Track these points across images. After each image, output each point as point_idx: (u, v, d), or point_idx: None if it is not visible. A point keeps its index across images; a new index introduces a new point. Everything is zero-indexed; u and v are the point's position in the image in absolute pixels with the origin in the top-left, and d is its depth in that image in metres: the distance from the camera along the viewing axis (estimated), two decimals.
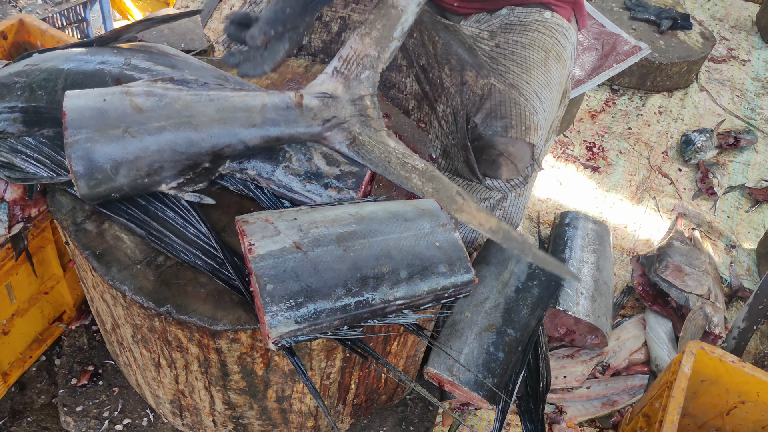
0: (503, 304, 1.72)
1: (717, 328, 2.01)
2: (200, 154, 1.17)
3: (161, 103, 1.17)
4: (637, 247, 2.48)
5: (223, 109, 1.18)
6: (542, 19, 1.71)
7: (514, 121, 1.52)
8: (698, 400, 1.74)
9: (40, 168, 1.28)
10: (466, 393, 1.64)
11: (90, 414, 1.62)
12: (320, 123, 1.22)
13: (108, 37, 1.44)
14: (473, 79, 1.59)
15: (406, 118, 1.62)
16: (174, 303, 1.16)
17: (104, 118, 1.13)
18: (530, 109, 1.55)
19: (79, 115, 1.12)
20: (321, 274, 1.05)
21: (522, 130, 1.52)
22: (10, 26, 1.95)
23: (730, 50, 3.60)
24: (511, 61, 1.64)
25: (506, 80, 1.59)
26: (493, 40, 1.69)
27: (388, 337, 1.37)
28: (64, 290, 1.77)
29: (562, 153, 2.81)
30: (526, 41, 1.67)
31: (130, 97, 1.16)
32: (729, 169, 2.87)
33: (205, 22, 3.05)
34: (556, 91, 1.70)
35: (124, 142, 1.13)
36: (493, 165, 1.55)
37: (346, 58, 1.27)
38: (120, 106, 1.15)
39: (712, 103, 3.22)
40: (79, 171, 1.12)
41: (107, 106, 1.14)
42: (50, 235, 1.61)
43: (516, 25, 1.72)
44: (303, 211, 1.15)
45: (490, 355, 1.65)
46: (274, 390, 1.35)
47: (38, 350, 1.78)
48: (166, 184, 1.17)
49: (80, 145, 1.11)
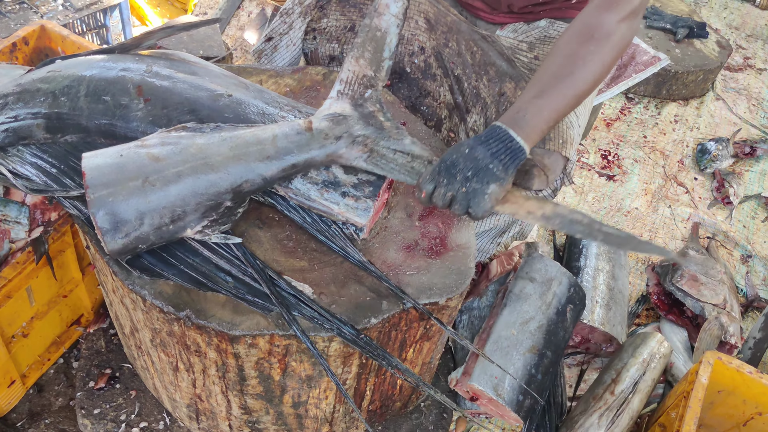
0: (545, 325, 1.73)
1: (732, 338, 2.00)
2: (220, 193, 1.19)
3: (177, 150, 1.19)
4: (653, 256, 2.47)
5: (236, 146, 1.21)
6: None
7: (553, 133, 1.52)
8: (715, 410, 1.73)
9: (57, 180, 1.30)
10: (503, 411, 1.64)
11: (107, 417, 1.64)
12: (333, 141, 1.24)
13: (130, 44, 1.45)
14: (512, 90, 1.59)
15: (423, 126, 1.63)
16: (193, 308, 1.18)
17: (123, 172, 1.15)
18: (567, 123, 1.55)
19: (99, 173, 1.14)
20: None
21: (559, 143, 1.52)
22: (32, 32, 1.98)
23: (747, 59, 3.59)
24: None
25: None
26: (532, 52, 1.69)
27: (404, 343, 1.37)
28: (83, 294, 1.79)
29: (578, 161, 2.81)
30: None
31: (147, 150, 1.18)
32: (745, 179, 2.86)
33: (223, 30, 3.07)
34: (588, 108, 1.70)
35: (146, 191, 1.14)
36: (526, 175, 1.55)
37: (347, 80, 1.30)
38: (137, 158, 1.17)
39: (728, 111, 3.21)
40: (105, 227, 1.12)
41: (125, 161, 1.16)
42: (70, 239, 1.63)
43: (555, 38, 1.71)
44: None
45: (531, 376, 1.65)
46: (291, 395, 1.36)
47: (56, 353, 1.80)
48: (191, 229, 1.18)
49: (103, 201, 1.12)
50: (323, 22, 1.78)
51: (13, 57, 1.93)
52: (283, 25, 1.82)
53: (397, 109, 1.65)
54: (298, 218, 1.32)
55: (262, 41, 1.86)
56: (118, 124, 1.30)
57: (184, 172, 1.16)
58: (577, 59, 1.26)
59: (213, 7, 3.27)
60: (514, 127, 1.23)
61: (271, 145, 1.22)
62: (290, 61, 1.89)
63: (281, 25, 1.83)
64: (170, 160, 1.17)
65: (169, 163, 1.17)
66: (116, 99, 1.30)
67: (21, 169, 1.31)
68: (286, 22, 1.82)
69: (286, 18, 1.82)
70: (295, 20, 1.81)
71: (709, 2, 3.95)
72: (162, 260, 1.21)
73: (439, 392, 1.22)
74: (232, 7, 3.22)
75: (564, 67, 1.26)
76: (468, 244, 1.40)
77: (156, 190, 1.14)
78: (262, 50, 1.87)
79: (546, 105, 1.25)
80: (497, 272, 1.97)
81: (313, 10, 1.79)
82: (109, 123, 1.30)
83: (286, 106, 1.37)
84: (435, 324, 1.37)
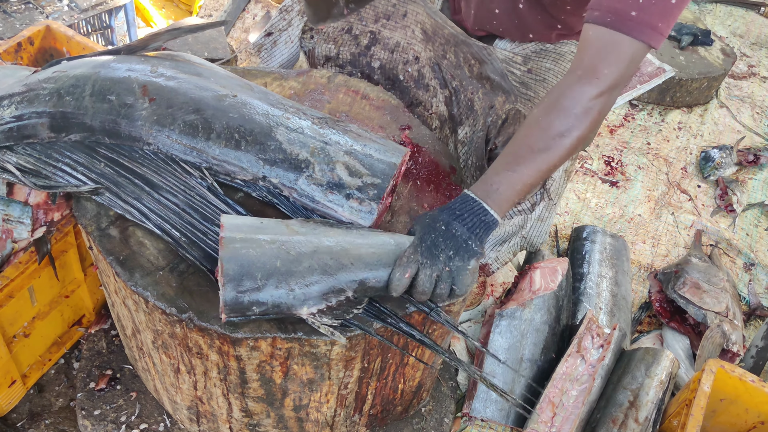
0: None
1: (735, 346, 2.00)
2: (348, 281, 1.16)
3: (317, 229, 1.19)
4: (655, 263, 2.46)
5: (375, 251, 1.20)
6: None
7: None
8: (717, 418, 1.73)
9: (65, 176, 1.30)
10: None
11: (107, 418, 1.63)
12: None
13: (135, 45, 1.46)
14: (500, 104, 1.59)
15: (427, 130, 1.63)
16: (196, 310, 1.17)
17: (260, 232, 1.15)
18: None
19: (236, 226, 1.15)
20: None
21: None
22: (37, 32, 1.98)
23: (751, 67, 3.59)
24: (542, 88, 1.64)
25: (533, 106, 1.58)
26: (526, 65, 1.69)
27: (405, 347, 1.37)
28: (85, 294, 1.79)
29: (581, 167, 2.81)
30: (559, 69, 1.67)
31: (286, 225, 1.19)
32: (748, 187, 2.85)
33: (227, 32, 3.07)
34: None
35: (278, 255, 1.13)
36: None
37: None
38: (276, 226, 1.18)
39: (731, 119, 3.20)
40: (230, 273, 1.10)
41: (264, 225, 1.17)
42: (73, 239, 1.63)
43: (550, 52, 1.72)
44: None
45: None
46: (292, 399, 1.36)
47: (57, 353, 1.80)
48: (308, 308, 1.15)
49: (235, 250, 1.11)
50: None
51: (18, 57, 1.93)
52: (283, 21, 1.84)
53: (402, 113, 1.65)
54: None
55: (262, 36, 1.87)
56: (123, 123, 1.30)
57: (321, 249, 1.15)
58: (554, 134, 1.24)
59: (218, 10, 3.27)
60: (487, 200, 1.22)
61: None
62: (289, 57, 1.89)
63: (281, 21, 1.84)
64: (309, 235, 1.17)
65: (307, 238, 1.16)
66: (121, 98, 1.30)
67: (28, 166, 1.31)
68: (285, 18, 1.84)
69: (286, 15, 1.84)
70: (294, 17, 1.82)
71: (714, 10, 3.95)
72: None
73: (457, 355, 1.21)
74: (237, 10, 3.23)
75: (540, 141, 1.25)
76: None
77: (288, 257, 1.13)
78: (262, 45, 1.88)
79: (519, 179, 1.24)
80: (541, 286, 1.96)
81: None
82: (114, 122, 1.30)
83: (291, 108, 1.37)
84: (437, 328, 1.37)
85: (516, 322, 1.89)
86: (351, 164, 1.31)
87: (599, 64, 1.21)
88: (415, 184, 1.50)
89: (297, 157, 1.30)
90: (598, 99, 1.23)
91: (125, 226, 1.28)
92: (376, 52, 1.76)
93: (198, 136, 1.30)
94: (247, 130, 1.30)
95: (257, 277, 1.11)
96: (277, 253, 1.12)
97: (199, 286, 1.21)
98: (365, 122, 1.60)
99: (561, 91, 1.25)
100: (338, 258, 1.15)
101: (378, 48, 1.75)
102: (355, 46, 1.77)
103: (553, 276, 1.98)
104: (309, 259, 1.13)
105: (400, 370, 1.46)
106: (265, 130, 1.31)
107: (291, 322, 1.18)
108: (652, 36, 1.18)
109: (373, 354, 1.32)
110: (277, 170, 1.30)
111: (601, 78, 1.21)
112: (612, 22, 1.19)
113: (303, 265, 1.13)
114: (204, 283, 1.22)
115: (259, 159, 1.30)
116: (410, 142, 1.58)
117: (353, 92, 1.68)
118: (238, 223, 1.16)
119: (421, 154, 1.57)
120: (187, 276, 1.22)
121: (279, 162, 1.30)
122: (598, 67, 1.21)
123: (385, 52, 1.75)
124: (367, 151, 1.33)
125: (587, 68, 1.23)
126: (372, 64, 1.76)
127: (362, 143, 1.34)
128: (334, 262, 1.14)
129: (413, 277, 1.15)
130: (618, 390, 1.78)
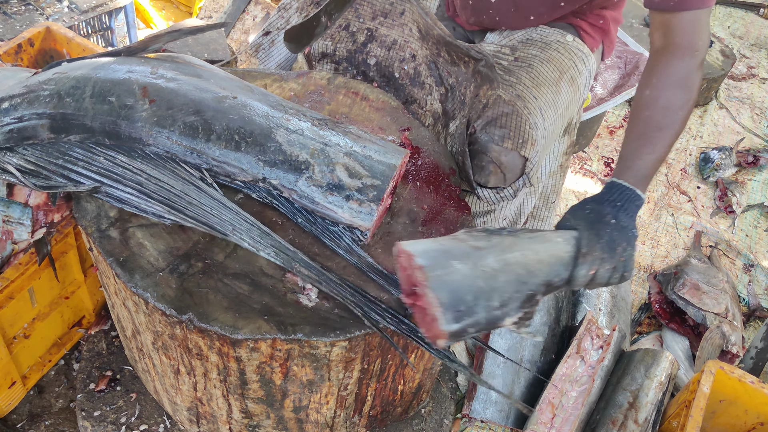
0: None
1: (734, 347, 2.00)
2: (538, 284, 1.18)
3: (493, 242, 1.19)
4: (655, 264, 2.47)
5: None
6: (563, 42, 1.72)
7: (513, 132, 1.53)
8: (716, 420, 1.73)
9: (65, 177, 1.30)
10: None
11: (107, 419, 1.64)
12: None
13: (136, 47, 1.46)
14: (484, 91, 1.61)
15: (427, 131, 1.63)
16: (196, 311, 1.17)
17: (451, 255, 1.15)
18: (531, 124, 1.55)
19: (429, 255, 1.14)
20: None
21: (519, 142, 1.53)
22: (37, 33, 1.98)
23: (750, 68, 3.59)
24: (525, 73, 1.65)
25: (515, 91, 1.59)
26: (514, 54, 1.70)
27: (405, 349, 1.37)
28: (85, 295, 1.79)
29: (581, 168, 2.81)
30: (544, 57, 1.68)
31: (460, 240, 1.20)
32: (748, 188, 2.85)
33: (227, 33, 3.07)
34: (561, 114, 1.70)
35: (476, 274, 1.13)
36: (482, 171, 1.56)
37: None
38: (457, 245, 1.18)
39: (731, 120, 3.21)
40: (445, 302, 1.10)
41: (447, 246, 1.18)
42: (73, 240, 1.63)
43: (537, 41, 1.73)
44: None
45: None
46: (292, 400, 1.36)
47: (57, 354, 1.80)
48: (510, 318, 1.17)
49: (441, 281, 1.11)
50: None
51: (18, 58, 1.94)
52: (281, 20, 1.84)
53: (401, 114, 1.65)
54: (303, 221, 1.32)
55: (260, 35, 1.87)
56: (123, 124, 1.30)
57: (509, 261, 1.16)
58: (676, 109, 1.35)
59: (218, 11, 3.27)
60: (639, 186, 1.31)
61: None
62: (287, 56, 1.90)
63: (279, 20, 1.84)
64: (491, 249, 1.18)
65: (490, 251, 1.17)
66: (121, 100, 1.31)
67: (28, 167, 1.31)
68: (283, 17, 1.84)
69: (284, 13, 1.84)
70: (292, 15, 1.83)
71: (713, 11, 3.95)
72: None
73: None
74: (237, 11, 3.23)
75: (665, 118, 1.35)
76: None
77: (485, 275, 1.14)
78: (260, 44, 1.88)
79: (657, 158, 1.34)
80: None
81: (309, 6, 1.80)
82: (114, 123, 1.30)
83: (290, 109, 1.37)
84: None
85: None
86: (351, 166, 1.32)
87: (692, 39, 1.35)
88: (414, 185, 1.50)
89: (297, 158, 1.30)
90: (700, 69, 1.37)
91: (125, 227, 1.28)
92: (373, 49, 1.76)
93: (198, 137, 1.30)
94: (247, 131, 1.31)
95: (468, 301, 1.12)
96: (475, 273, 1.14)
97: (199, 287, 1.22)
98: (365, 124, 1.61)
99: (666, 71, 1.37)
100: (527, 267, 1.17)
101: (375, 45, 1.76)
102: (352, 43, 1.77)
103: None
104: (503, 274, 1.15)
105: (399, 371, 1.46)
106: (265, 131, 1.31)
107: (291, 324, 1.18)
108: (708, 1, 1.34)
109: (373, 355, 1.32)
110: (277, 171, 1.30)
111: (699, 50, 1.36)
112: (676, 5, 1.34)
113: (500, 280, 1.14)
114: (204, 285, 1.22)
115: (259, 160, 1.30)
116: (410, 144, 1.58)
117: (353, 93, 1.68)
118: (425, 248, 1.17)
119: (421, 155, 1.57)
120: (187, 277, 1.22)
121: (279, 163, 1.30)
122: (692, 41, 1.35)
123: (381, 50, 1.75)
124: (366, 152, 1.33)
125: (680, 46, 1.36)
126: (368, 61, 1.76)
127: (362, 145, 1.34)
128: (524, 271, 1.17)
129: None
130: (617, 391, 1.78)
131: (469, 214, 1.48)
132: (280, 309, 1.21)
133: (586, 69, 1.75)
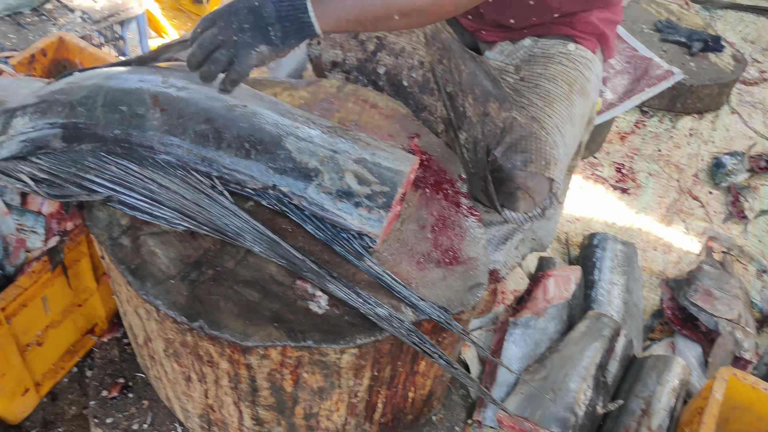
0: None
1: (747, 354, 1.98)
2: None
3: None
4: (667, 270, 2.45)
5: None
6: (566, 51, 1.72)
7: (534, 155, 1.53)
8: (729, 427, 1.71)
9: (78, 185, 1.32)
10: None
11: (120, 426, 1.64)
12: None
13: (147, 57, 1.47)
14: (496, 111, 1.60)
15: (436, 138, 1.63)
16: (206, 318, 1.18)
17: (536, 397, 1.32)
18: (551, 144, 1.55)
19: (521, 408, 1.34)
20: None
21: (542, 164, 1.53)
22: (50, 44, 2.00)
23: (762, 72, 3.57)
24: (535, 94, 1.65)
25: (528, 113, 1.59)
26: (518, 73, 1.70)
27: (416, 355, 1.37)
28: (97, 303, 1.80)
29: (592, 174, 2.80)
30: (549, 74, 1.68)
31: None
32: (760, 193, 2.84)
33: None
34: (579, 125, 1.70)
35: None
36: (511, 198, 1.56)
37: None
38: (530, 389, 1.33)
39: (743, 125, 3.19)
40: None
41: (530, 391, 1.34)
42: (85, 248, 1.64)
43: (539, 57, 1.73)
44: None
45: None
46: (302, 407, 1.36)
47: (70, 361, 1.81)
48: None
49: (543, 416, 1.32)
50: None
51: (32, 68, 1.96)
52: None
53: (411, 122, 1.65)
54: (313, 228, 1.33)
55: None
56: (134, 133, 1.31)
57: None
58: None
59: None
60: (314, 1, 1.19)
61: None
62: (296, 65, 1.90)
63: None
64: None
65: None
66: (132, 109, 1.32)
67: (41, 175, 1.32)
68: None
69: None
70: None
71: (725, 16, 3.94)
72: None
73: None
74: None
75: None
76: (480, 257, 1.40)
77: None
78: None
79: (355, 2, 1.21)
80: (555, 294, 1.96)
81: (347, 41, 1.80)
82: (125, 132, 1.31)
83: (300, 117, 1.38)
84: (447, 336, 1.37)
85: (530, 331, 1.88)
86: (360, 173, 1.32)
87: None
88: (423, 192, 1.50)
89: (306, 165, 1.31)
90: None
91: (137, 235, 1.29)
92: (382, 57, 1.76)
93: (209, 145, 1.31)
94: (257, 139, 1.32)
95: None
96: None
97: (210, 294, 1.22)
98: (374, 131, 1.61)
99: None
100: None
101: (384, 53, 1.76)
102: (362, 52, 1.77)
103: (566, 284, 1.98)
104: None
105: (410, 378, 1.46)
106: (275, 139, 1.32)
107: (301, 331, 1.19)
108: None
109: (383, 362, 1.32)
110: (286, 179, 1.31)
111: None
112: None
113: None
114: (214, 292, 1.23)
115: (269, 168, 1.31)
116: (419, 151, 1.58)
117: (362, 101, 1.68)
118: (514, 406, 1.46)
119: (430, 162, 1.57)
120: (198, 285, 1.23)
121: (289, 171, 1.31)
122: None
123: (390, 57, 1.75)
124: (376, 159, 1.34)
125: None
126: (378, 69, 1.77)
127: (371, 152, 1.35)
128: None
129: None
130: (630, 398, 1.77)
131: (479, 220, 1.48)
132: (291, 316, 1.22)
133: (593, 74, 1.75)
